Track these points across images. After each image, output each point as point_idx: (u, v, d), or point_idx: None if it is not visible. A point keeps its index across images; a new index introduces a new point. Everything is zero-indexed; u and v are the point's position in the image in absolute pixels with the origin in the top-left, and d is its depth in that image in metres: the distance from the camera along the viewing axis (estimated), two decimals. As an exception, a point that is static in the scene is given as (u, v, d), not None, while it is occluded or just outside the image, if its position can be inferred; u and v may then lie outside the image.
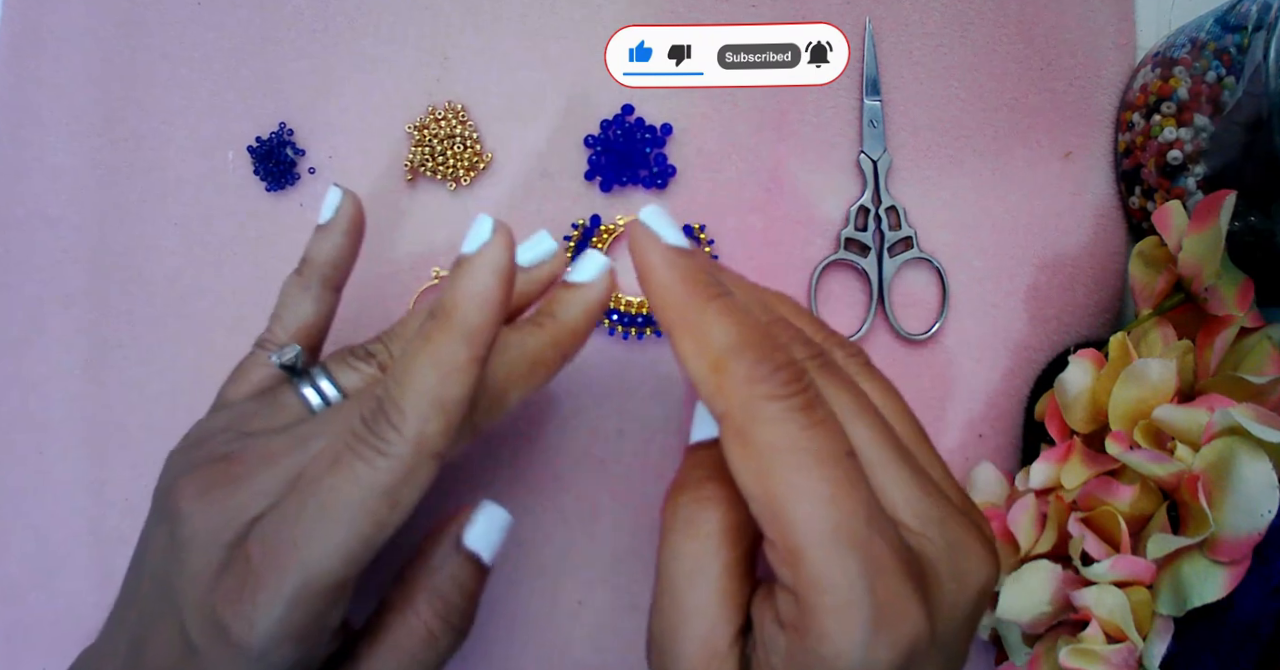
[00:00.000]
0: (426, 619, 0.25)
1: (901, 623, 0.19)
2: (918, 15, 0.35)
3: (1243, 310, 0.28)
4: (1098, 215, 0.35)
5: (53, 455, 0.36)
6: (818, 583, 0.19)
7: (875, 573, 0.19)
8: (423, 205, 0.35)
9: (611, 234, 0.34)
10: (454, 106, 0.35)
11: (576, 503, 0.34)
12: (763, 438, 0.20)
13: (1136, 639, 0.27)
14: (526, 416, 0.35)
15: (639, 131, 0.35)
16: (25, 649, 0.35)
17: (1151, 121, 0.32)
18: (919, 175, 0.35)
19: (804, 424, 0.20)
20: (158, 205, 0.36)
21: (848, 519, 0.19)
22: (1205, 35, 0.30)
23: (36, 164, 0.36)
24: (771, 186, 0.35)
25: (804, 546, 0.19)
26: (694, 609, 0.22)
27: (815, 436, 0.20)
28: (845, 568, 0.19)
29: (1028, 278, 0.35)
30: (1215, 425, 0.26)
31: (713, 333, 0.21)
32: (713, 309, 0.21)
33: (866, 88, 0.35)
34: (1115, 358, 0.29)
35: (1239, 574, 0.26)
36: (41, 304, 0.36)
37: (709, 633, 0.21)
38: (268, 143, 0.35)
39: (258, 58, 0.36)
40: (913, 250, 0.34)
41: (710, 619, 0.22)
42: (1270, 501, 0.25)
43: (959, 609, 0.21)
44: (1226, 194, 0.27)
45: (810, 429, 0.20)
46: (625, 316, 0.34)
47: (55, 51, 0.36)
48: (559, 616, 0.34)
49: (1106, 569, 0.27)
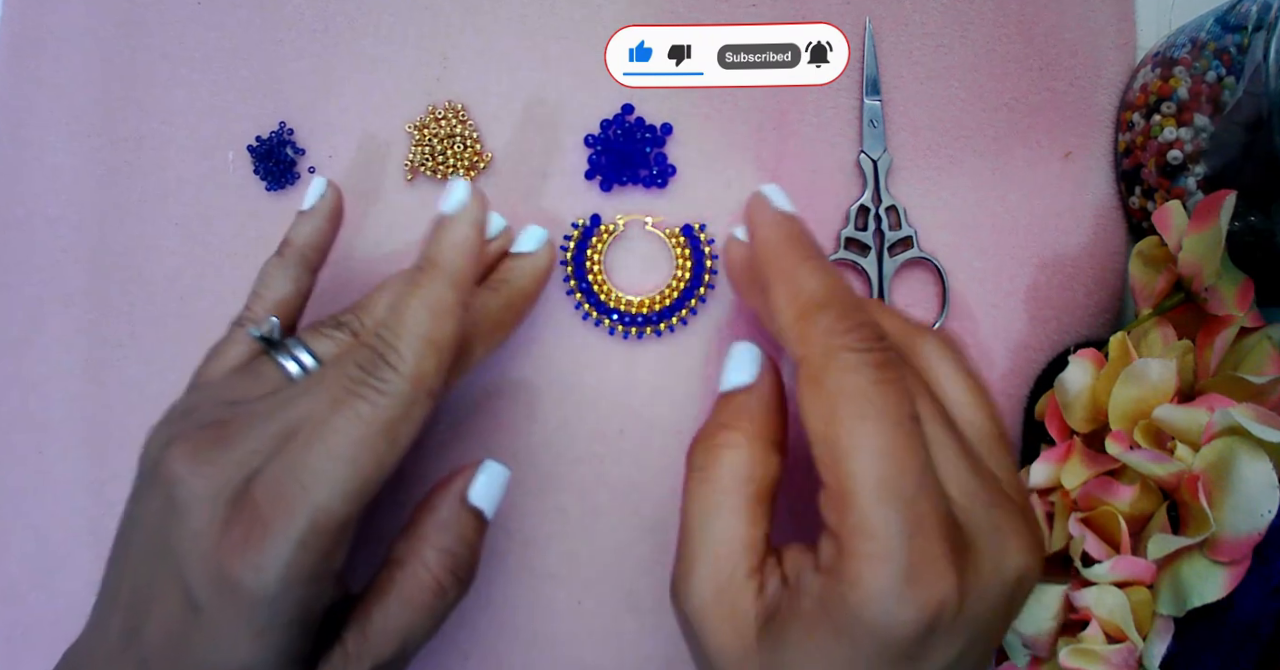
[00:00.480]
0: (436, 572, 0.26)
1: (931, 584, 0.20)
2: (918, 15, 0.35)
3: (1243, 310, 0.28)
4: (1098, 215, 0.35)
5: (53, 455, 0.36)
6: (859, 528, 0.20)
7: (915, 531, 0.20)
8: (423, 205, 0.35)
9: (611, 233, 0.34)
10: (454, 106, 0.35)
11: (576, 503, 0.34)
12: (835, 383, 0.22)
13: (1136, 639, 0.27)
14: (527, 416, 0.35)
15: (639, 131, 0.35)
16: (25, 649, 0.35)
17: (1151, 121, 0.32)
18: (919, 175, 0.35)
19: (875, 378, 0.21)
20: (158, 205, 0.36)
21: (898, 474, 0.20)
22: (1205, 35, 0.30)
23: (36, 164, 0.36)
24: (771, 186, 0.35)
25: (853, 491, 0.20)
26: (707, 546, 0.23)
27: (884, 392, 0.21)
28: (887, 519, 0.20)
29: (1028, 278, 0.35)
30: (1215, 425, 0.26)
31: (807, 284, 0.24)
32: (809, 264, 0.24)
33: (866, 88, 0.35)
34: (1115, 358, 0.29)
35: (1239, 574, 0.26)
36: (41, 304, 0.36)
37: (720, 567, 0.23)
38: (268, 142, 0.35)
39: (258, 58, 0.36)
40: (913, 250, 0.34)
41: (722, 555, 0.23)
42: (1270, 501, 0.25)
43: (992, 590, 0.21)
44: (1226, 194, 0.27)
45: (881, 385, 0.21)
46: (625, 316, 0.34)
47: (55, 51, 0.36)
48: (559, 616, 0.34)
49: (1106, 569, 0.27)
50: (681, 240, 0.34)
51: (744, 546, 0.23)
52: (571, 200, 0.35)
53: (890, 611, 0.20)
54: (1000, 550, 0.21)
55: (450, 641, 0.34)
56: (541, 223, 0.35)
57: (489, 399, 0.35)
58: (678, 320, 0.34)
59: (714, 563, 0.23)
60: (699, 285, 0.34)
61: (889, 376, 0.22)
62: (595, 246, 0.34)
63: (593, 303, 0.34)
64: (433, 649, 0.34)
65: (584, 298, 0.34)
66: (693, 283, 0.34)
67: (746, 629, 0.22)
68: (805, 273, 0.24)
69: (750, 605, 0.23)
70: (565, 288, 0.35)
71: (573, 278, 0.34)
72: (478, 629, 0.34)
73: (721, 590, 0.23)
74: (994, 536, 0.21)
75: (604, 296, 0.34)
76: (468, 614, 0.34)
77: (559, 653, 0.34)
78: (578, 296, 0.34)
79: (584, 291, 0.34)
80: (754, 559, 0.23)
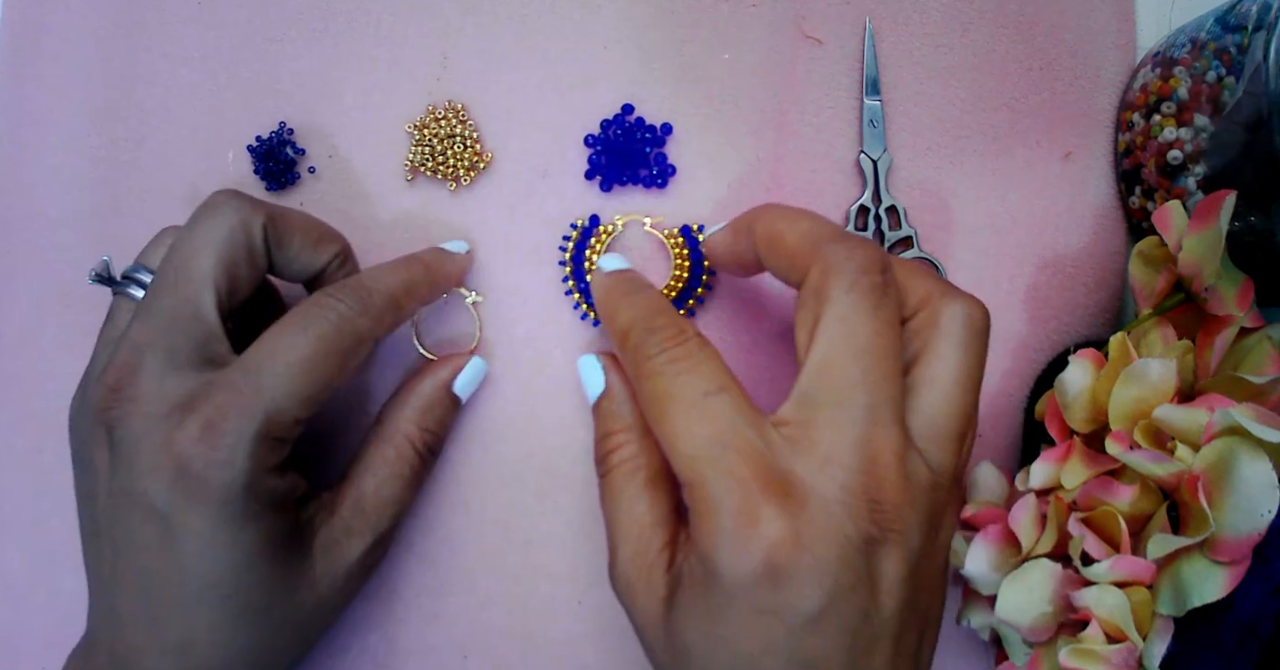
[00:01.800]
0: (419, 448, 0.31)
1: (758, 528, 0.22)
2: (918, 15, 0.35)
3: (1243, 310, 0.28)
4: (1098, 215, 0.35)
5: (52, 455, 0.36)
6: (691, 494, 0.24)
7: (731, 485, 0.22)
8: (423, 205, 0.35)
9: (610, 234, 0.34)
10: (454, 106, 0.35)
11: (576, 502, 0.34)
12: (646, 390, 0.25)
13: (1136, 639, 0.27)
14: (528, 416, 0.35)
15: (639, 131, 0.35)
16: (25, 649, 0.35)
17: (1151, 121, 0.32)
18: (919, 175, 0.35)
19: (671, 374, 0.25)
20: (158, 205, 0.36)
21: (706, 443, 0.23)
22: (1205, 35, 0.30)
23: (36, 164, 0.36)
24: (771, 186, 0.35)
25: (680, 469, 0.24)
26: (620, 531, 0.27)
27: (679, 382, 0.25)
28: (705, 480, 0.23)
29: (1028, 278, 0.35)
30: (1215, 425, 0.26)
31: (617, 319, 0.28)
32: (619, 303, 0.28)
33: (866, 88, 0.35)
34: (1115, 358, 0.29)
35: (1239, 574, 0.26)
36: (41, 304, 0.36)
37: (635, 547, 0.26)
38: (268, 142, 0.35)
39: (258, 58, 0.36)
40: (913, 250, 0.34)
41: (633, 536, 0.26)
42: (1270, 501, 0.25)
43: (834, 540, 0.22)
44: (1226, 194, 0.27)
45: (677, 377, 0.25)
46: None
47: (55, 51, 0.36)
48: (559, 616, 0.34)
49: (1106, 569, 0.27)
50: (680, 241, 0.34)
51: (650, 525, 0.26)
52: (571, 200, 0.35)
53: (725, 558, 0.22)
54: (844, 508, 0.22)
55: (450, 641, 0.34)
56: (541, 222, 0.35)
57: (489, 398, 0.35)
58: (684, 312, 0.34)
59: (628, 544, 0.26)
60: (697, 285, 0.34)
61: (681, 368, 0.25)
62: (594, 247, 0.34)
63: (592, 304, 0.34)
64: (433, 649, 0.34)
65: (583, 298, 0.34)
66: (691, 283, 0.34)
67: (659, 598, 0.25)
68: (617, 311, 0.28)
69: (662, 575, 0.25)
70: (564, 288, 0.35)
71: (572, 278, 0.34)
72: (478, 629, 0.34)
73: (639, 566, 0.26)
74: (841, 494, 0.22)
75: None
76: (468, 614, 0.34)
77: (559, 653, 0.34)
78: (576, 297, 0.34)
79: (583, 292, 0.34)
80: (663, 535, 0.26)
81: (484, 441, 0.35)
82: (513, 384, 0.35)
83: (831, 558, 0.22)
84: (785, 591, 0.22)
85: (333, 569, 0.28)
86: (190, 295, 0.27)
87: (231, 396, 0.25)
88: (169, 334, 0.26)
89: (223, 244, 0.27)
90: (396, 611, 0.34)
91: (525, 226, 0.35)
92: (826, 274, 0.24)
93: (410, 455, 0.31)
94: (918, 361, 0.25)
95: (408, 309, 0.30)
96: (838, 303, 0.24)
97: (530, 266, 0.35)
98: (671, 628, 0.24)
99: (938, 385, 0.25)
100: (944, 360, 0.25)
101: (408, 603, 0.34)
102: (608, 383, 0.30)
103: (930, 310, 0.25)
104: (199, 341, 0.26)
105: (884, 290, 0.24)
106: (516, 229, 0.35)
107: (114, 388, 0.26)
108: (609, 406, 0.29)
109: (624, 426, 0.29)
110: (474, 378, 0.33)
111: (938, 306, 0.25)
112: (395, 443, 0.30)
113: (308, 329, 0.26)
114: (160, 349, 0.26)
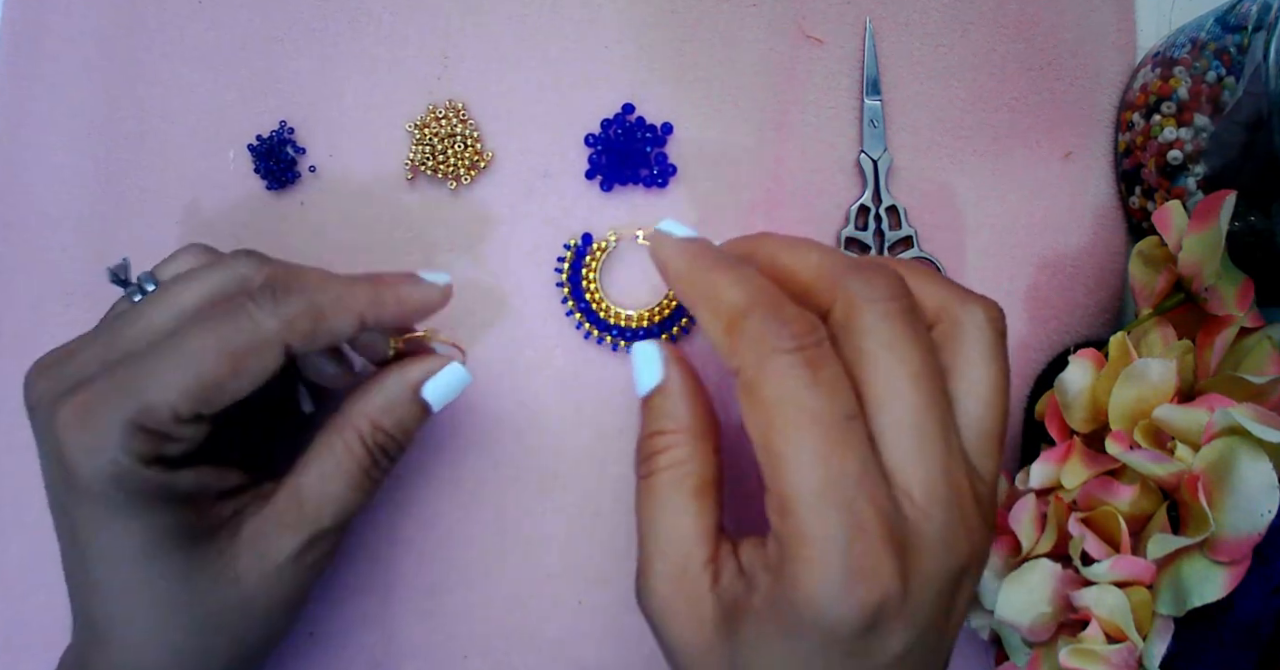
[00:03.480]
0: (371, 448, 0.27)
1: (872, 583, 0.20)
2: (918, 15, 0.35)
3: (1243, 310, 0.28)
4: (1098, 215, 0.35)
5: (52, 455, 0.36)
6: (800, 534, 0.21)
7: (855, 535, 0.20)
8: (423, 204, 0.35)
9: (604, 250, 0.34)
10: (454, 105, 0.35)
11: (577, 503, 0.34)
12: (768, 392, 0.22)
13: (1136, 639, 0.27)
14: (528, 416, 0.35)
15: (639, 131, 0.35)
16: (25, 649, 0.35)
17: (1151, 121, 0.32)
18: (919, 175, 0.35)
19: (807, 382, 0.21)
20: (158, 205, 0.36)
21: (836, 479, 0.21)
22: (1205, 35, 0.30)
23: (36, 164, 0.36)
24: (771, 186, 0.35)
25: (792, 499, 0.21)
26: (659, 543, 0.24)
27: (817, 395, 0.21)
28: (826, 524, 0.21)
29: (1028, 278, 0.35)
30: (1215, 425, 0.26)
31: (725, 296, 0.23)
32: (723, 277, 0.24)
33: (866, 88, 0.35)
34: (1115, 358, 0.29)
35: (1239, 574, 0.26)
36: (41, 303, 0.36)
37: (675, 562, 0.24)
38: (268, 141, 0.35)
39: (258, 57, 0.36)
40: (913, 250, 0.34)
41: (674, 550, 0.24)
42: (1270, 501, 0.25)
43: (934, 582, 0.21)
44: (1226, 194, 0.27)
45: (813, 387, 0.21)
46: (626, 331, 0.34)
47: (55, 51, 0.36)
48: (559, 616, 0.34)
49: (1106, 569, 0.27)
50: None
51: (694, 539, 0.24)
52: (572, 200, 0.35)
53: (833, 611, 0.20)
54: (948, 546, 0.22)
55: (450, 641, 0.34)
56: (542, 222, 0.35)
57: (489, 398, 0.35)
58: (678, 330, 0.34)
59: (668, 558, 0.24)
60: None
61: (821, 377, 0.22)
62: (590, 265, 0.34)
63: (593, 321, 0.34)
64: (432, 649, 0.34)
65: (584, 317, 0.34)
66: None
67: (705, 621, 0.23)
68: (722, 286, 0.24)
69: (707, 595, 0.23)
70: (565, 308, 0.35)
71: (570, 298, 0.34)
72: (478, 629, 0.34)
73: (678, 584, 0.24)
74: (943, 532, 0.22)
75: (603, 313, 0.34)
76: (468, 614, 0.34)
77: (559, 653, 0.34)
78: (578, 316, 0.34)
79: (583, 311, 0.34)
80: (707, 550, 0.24)
81: (484, 441, 0.35)
82: (512, 384, 0.35)
83: (929, 600, 0.22)
84: (882, 635, 0.21)
85: (260, 565, 0.26)
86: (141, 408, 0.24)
87: (109, 382, 0.24)
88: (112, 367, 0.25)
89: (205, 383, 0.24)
90: (396, 611, 0.34)
91: (525, 226, 0.35)
92: (855, 307, 0.23)
93: (359, 451, 0.27)
94: (952, 373, 0.24)
95: (337, 324, 0.26)
96: (877, 333, 0.22)
97: (530, 266, 0.35)
98: (732, 660, 0.23)
99: (978, 395, 0.24)
100: (978, 369, 0.24)
101: (407, 602, 0.34)
102: (667, 376, 0.26)
103: (951, 319, 0.25)
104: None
105: (915, 312, 0.23)
106: (517, 228, 0.35)
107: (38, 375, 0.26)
108: (663, 403, 0.26)
109: (678, 427, 0.26)
110: (449, 386, 0.28)
111: (957, 315, 0.25)
112: (345, 435, 0.27)
113: (205, 321, 0.24)
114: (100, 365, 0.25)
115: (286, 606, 0.27)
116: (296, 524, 0.26)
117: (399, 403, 0.27)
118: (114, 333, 0.26)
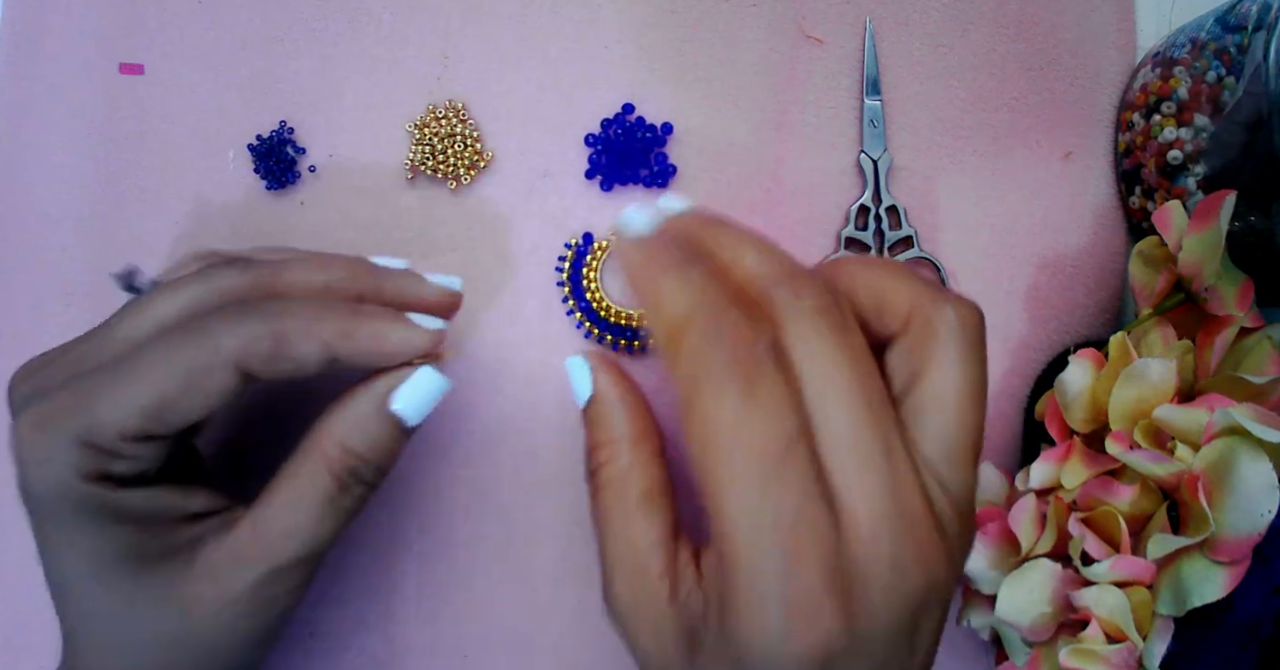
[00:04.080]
0: (338, 472, 0.25)
1: (813, 624, 0.19)
2: (918, 15, 0.35)
3: (1243, 310, 0.28)
4: (1098, 215, 0.35)
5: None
6: (738, 569, 0.20)
7: (794, 571, 0.19)
8: (423, 204, 0.35)
9: (605, 251, 0.34)
10: (454, 105, 0.35)
11: (577, 502, 0.34)
12: (703, 412, 0.20)
13: (1136, 639, 0.27)
14: (527, 416, 0.35)
15: (639, 130, 0.35)
16: (25, 649, 0.35)
17: (1151, 121, 0.32)
18: (919, 175, 0.35)
19: (743, 403, 0.20)
20: (158, 205, 0.36)
21: (774, 512, 0.19)
22: (1205, 35, 0.30)
23: (36, 164, 0.36)
24: (771, 186, 0.35)
25: (730, 533, 0.20)
26: (615, 552, 0.24)
27: (753, 418, 0.20)
28: (764, 562, 0.19)
29: (1028, 278, 0.35)
30: (1215, 425, 0.26)
31: (666, 305, 0.22)
32: (669, 282, 0.22)
33: (866, 88, 0.35)
34: (1115, 358, 0.29)
35: (1239, 574, 0.26)
36: (41, 303, 0.36)
37: (631, 570, 0.23)
38: (268, 141, 0.35)
39: (258, 57, 0.36)
40: (913, 250, 0.34)
41: (629, 558, 0.23)
42: (1270, 501, 0.25)
43: (887, 615, 0.20)
44: (1226, 194, 0.27)
45: (749, 409, 0.20)
46: (627, 330, 0.34)
47: (55, 51, 0.36)
48: (559, 618, 0.34)
49: (1106, 569, 0.27)
50: None
51: (647, 547, 0.23)
52: (572, 199, 0.35)
53: (773, 654, 0.19)
54: (900, 576, 0.20)
55: (450, 641, 0.34)
56: (542, 222, 0.35)
57: (489, 398, 0.35)
58: None
59: (624, 566, 0.23)
60: None
61: (758, 396, 0.20)
62: (590, 265, 0.34)
63: (594, 321, 0.34)
64: (432, 649, 0.34)
65: (585, 316, 0.34)
66: None
67: (666, 636, 0.22)
68: (665, 292, 0.22)
69: (666, 608, 0.22)
70: (566, 308, 0.35)
71: (571, 298, 0.34)
72: (478, 630, 0.34)
73: (637, 592, 0.23)
74: (892, 562, 0.20)
75: (604, 313, 0.34)
76: (467, 614, 0.34)
77: (559, 653, 0.34)
78: (579, 316, 0.34)
79: (584, 311, 0.34)
80: (663, 558, 0.23)
81: (484, 441, 0.35)
82: (512, 384, 0.35)
83: (884, 635, 0.20)
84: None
85: (213, 597, 0.24)
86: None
87: (65, 395, 0.23)
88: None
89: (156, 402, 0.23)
90: (396, 611, 0.34)
91: (526, 226, 0.35)
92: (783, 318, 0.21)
93: (323, 480, 0.25)
94: (920, 379, 0.22)
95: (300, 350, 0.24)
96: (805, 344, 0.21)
97: (530, 266, 0.35)
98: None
99: (946, 403, 0.22)
100: (947, 375, 0.22)
101: (408, 603, 0.34)
102: (597, 386, 0.26)
103: (922, 320, 0.22)
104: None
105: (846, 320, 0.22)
106: (517, 228, 0.35)
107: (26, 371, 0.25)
108: (597, 414, 0.26)
109: (615, 436, 0.25)
110: (424, 395, 0.25)
111: (929, 315, 0.22)
112: (310, 461, 0.25)
113: (164, 337, 0.23)
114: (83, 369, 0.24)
115: (247, 643, 0.25)
116: (255, 557, 0.24)
117: (367, 420, 0.25)
118: (90, 343, 0.25)
